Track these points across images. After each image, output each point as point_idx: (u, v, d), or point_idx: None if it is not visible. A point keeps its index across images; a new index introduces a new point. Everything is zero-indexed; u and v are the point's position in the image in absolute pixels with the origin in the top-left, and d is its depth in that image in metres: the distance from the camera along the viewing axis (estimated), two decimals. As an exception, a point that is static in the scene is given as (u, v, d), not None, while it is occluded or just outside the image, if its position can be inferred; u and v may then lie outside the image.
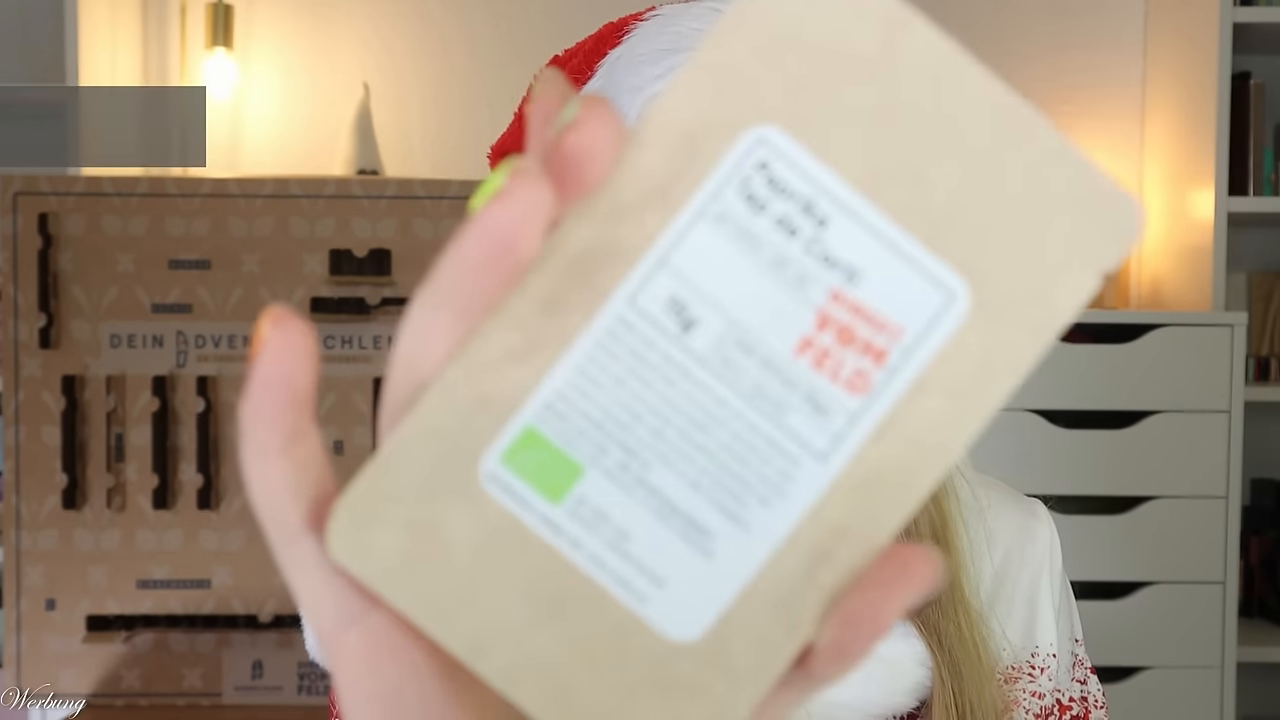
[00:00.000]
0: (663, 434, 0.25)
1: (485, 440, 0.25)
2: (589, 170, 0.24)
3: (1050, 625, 0.76)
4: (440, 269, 0.25)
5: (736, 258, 0.25)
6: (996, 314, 0.25)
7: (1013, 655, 0.74)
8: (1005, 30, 2.53)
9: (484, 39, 2.51)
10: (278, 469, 0.26)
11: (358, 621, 0.26)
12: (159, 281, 1.64)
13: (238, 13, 2.43)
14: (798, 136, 0.25)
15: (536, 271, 0.25)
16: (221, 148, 2.48)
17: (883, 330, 0.25)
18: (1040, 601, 0.76)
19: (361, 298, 1.64)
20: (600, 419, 0.25)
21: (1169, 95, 2.44)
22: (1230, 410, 2.12)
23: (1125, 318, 2.18)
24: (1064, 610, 0.78)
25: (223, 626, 1.64)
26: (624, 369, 0.25)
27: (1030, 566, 0.77)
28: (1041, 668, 0.76)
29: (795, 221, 0.25)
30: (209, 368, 1.65)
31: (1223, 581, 2.13)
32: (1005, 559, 0.76)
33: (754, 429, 0.26)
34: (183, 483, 1.64)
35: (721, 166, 0.25)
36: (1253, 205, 2.30)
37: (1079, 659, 0.78)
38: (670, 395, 0.25)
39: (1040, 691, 0.75)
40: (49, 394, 1.62)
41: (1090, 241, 0.25)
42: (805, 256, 0.25)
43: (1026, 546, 0.77)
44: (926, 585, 0.25)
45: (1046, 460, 2.13)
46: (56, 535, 1.63)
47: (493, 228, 0.24)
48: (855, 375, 0.26)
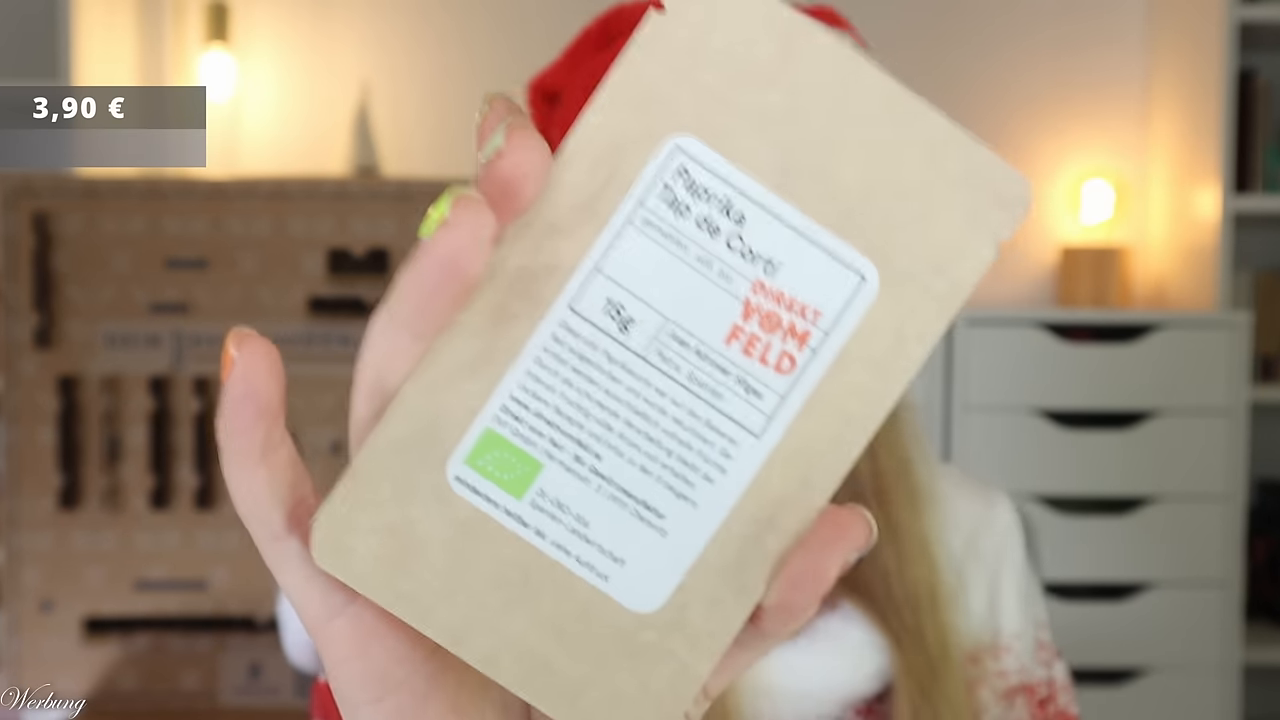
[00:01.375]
0: (611, 426, 0.28)
1: (450, 446, 0.28)
2: (522, 191, 0.27)
3: (1013, 609, 0.78)
4: (398, 292, 0.27)
5: (665, 259, 0.28)
6: (905, 290, 0.28)
7: (975, 638, 0.75)
8: (1009, 28, 2.52)
9: (482, 37, 2.50)
10: (257, 477, 0.28)
11: (342, 612, 0.29)
12: (156, 281, 1.63)
13: (235, 10, 2.42)
14: (711, 143, 0.28)
15: (483, 289, 0.28)
16: (219, 146, 2.47)
17: (803, 315, 0.28)
18: (1002, 586, 0.78)
19: (360, 297, 1.64)
20: (553, 417, 0.28)
21: (1173, 93, 2.43)
22: (1235, 410, 2.10)
23: (1129, 317, 2.17)
24: (1027, 595, 0.79)
25: (220, 628, 1.63)
26: (570, 370, 0.28)
27: (990, 552, 0.78)
28: (1006, 648, 0.77)
29: (716, 221, 0.28)
30: (206, 368, 1.64)
31: (1227, 583, 2.12)
32: (966, 545, 0.77)
33: (694, 414, 0.28)
34: (180, 483, 1.63)
35: (644, 176, 0.28)
36: (1258, 204, 2.29)
37: (1043, 643, 0.79)
38: (615, 390, 0.28)
39: (1004, 671, 0.76)
40: (45, 394, 1.62)
41: (985, 216, 0.28)
42: (728, 252, 0.28)
43: (986, 533, 0.78)
44: (861, 542, 0.28)
45: (1050, 461, 2.12)
46: (53, 536, 1.62)
47: (442, 253, 0.26)
48: (782, 357, 0.28)
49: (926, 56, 2.51)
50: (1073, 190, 2.50)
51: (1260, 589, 2.41)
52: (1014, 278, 2.53)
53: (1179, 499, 2.13)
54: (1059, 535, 2.11)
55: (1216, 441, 2.11)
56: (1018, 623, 0.77)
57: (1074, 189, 2.50)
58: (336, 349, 1.65)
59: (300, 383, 1.64)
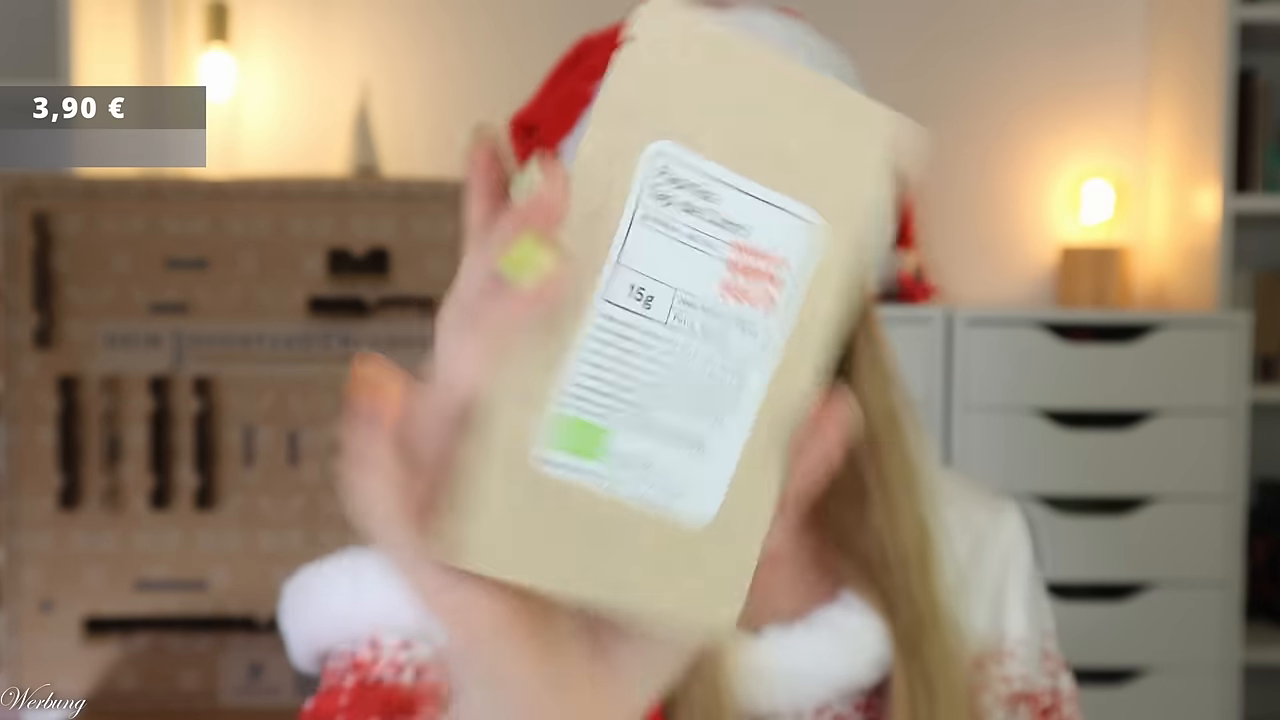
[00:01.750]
0: (655, 384, 0.36)
1: (535, 435, 0.35)
2: (559, 212, 0.35)
3: (1019, 616, 0.78)
4: (475, 310, 0.35)
5: (664, 242, 0.36)
6: (837, 226, 0.37)
7: (980, 643, 0.75)
8: (1009, 27, 2.52)
9: (482, 37, 2.50)
10: (377, 484, 0.35)
11: (455, 587, 0.36)
12: (156, 281, 1.63)
13: (236, 11, 2.42)
14: (682, 143, 0.36)
15: None
16: (219, 146, 2.47)
17: (774, 262, 0.37)
18: (1008, 593, 0.78)
19: (360, 297, 1.64)
20: (609, 390, 0.36)
21: (1173, 93, 2.43)
22: (1234, 410, 2.10)
23: (1129, 317, 2.17)
24: (1033, 604, 0.79)
25: (220, 628, 1.63)
26: (615, 349, 0.36)
27: (996, 559, 0.78)
28: (1010, 653, 0.77)
29: (695, 203, 0.36)
30: (206, 368, 1.64)
31: (1227, 583, 2.12)
32: (971, 551, 0.77)
33: (710, 359, 0.36)
34: (180, 483, 1.63)
35: (636, 180, 0.35)
36: (1258, 204, 2.29)
37: (1049, 653, 0.79)
38: (651, 354, 0.36)
39: (1008, 676, 0.76)
40: (45, 394, 1.62)
41: (881, 159, 0.37)
42: (709, 226, 0.36)
43: (992, 540, 0.78)
44: (846, 419, 0.38)
45: (1049, 461, 2.12)
46: (53, 536, 1.62)
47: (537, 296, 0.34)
48: (764, 298, 0.37)
49: (926, 57, 2.51)
50: (1073, 190, 2.51)
51: (1260, 589, 2.41)
52: (1014, 278, 2.54)
53: (1179, 499, 2.13)
54: (1059, 535, 2.11)
55: (1216, 441, 2.11)
56: (1023, 629, 0.77)
57: (1074, 189, 2.50)
58: (336, 349, 1.65)
59: (300, 383, 1.64)
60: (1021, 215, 2.53)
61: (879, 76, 2.92)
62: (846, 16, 2.47)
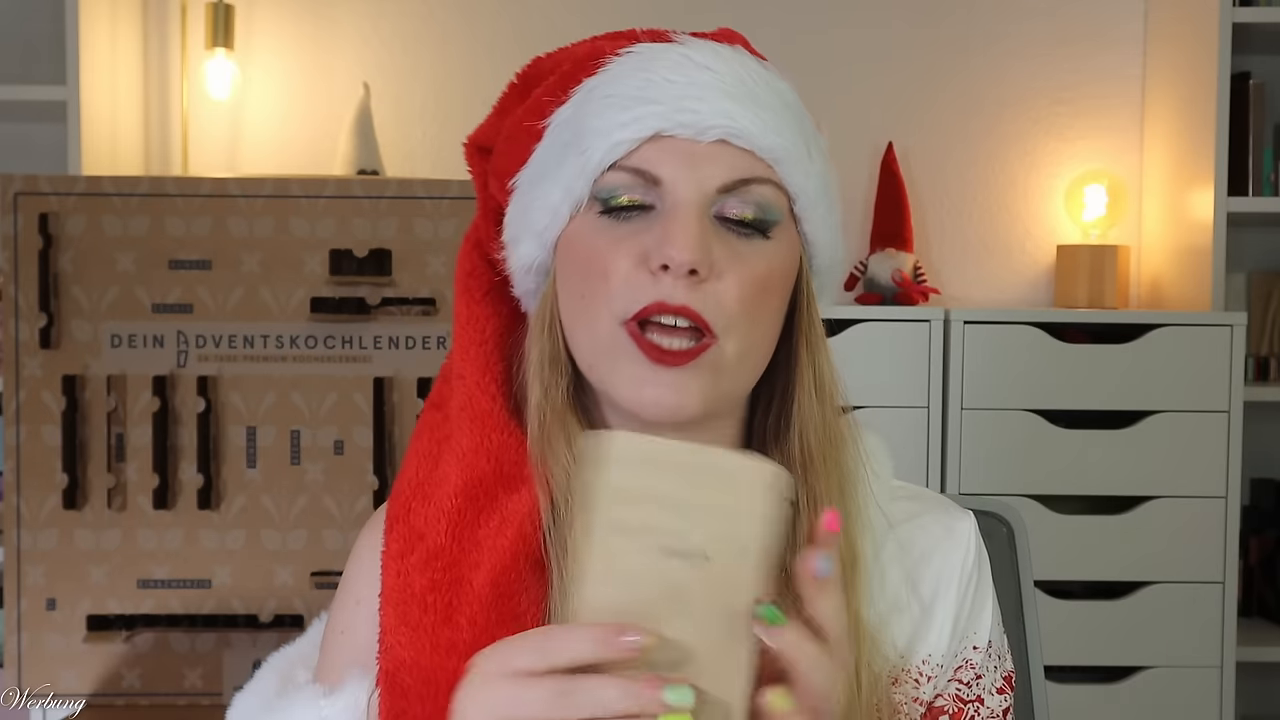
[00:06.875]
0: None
1: None
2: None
3: (982, 625, 0.79)
4: None
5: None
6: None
7: (900, 661, 0.76)
8: (1005, 28, 2.53)
9: (483, 38, 2.51)
10: None
11: None
12: (159, 281, 1.64)
13: (238, 13, 2.43)
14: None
15: None
16: (221, 148, 2.48)
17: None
18: (965, 603, 0.78)
19: (361, 298, 1.65)
20: None
21: (1169, 94, 2.44)
22: (1230, 410, 2.12)
23: (1125, 318, 2.18)
24: (991, 616, 0.80)
25: (223, 626, 1.64)
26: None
27: (953, 569, 0.78)
28: (929, 676, 0.77)
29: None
30: (209, 368, 1.65)
31: (1222, 581, 2.13)
32: (920, 561, 0.78)
33: None
34: (183, 483, 1.64)
35: None
36: (1252, 205, 2.30)
37: (969, 662, 0.78)
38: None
39: (921, 699, 0.77)
40: (49, 394, 1.63)
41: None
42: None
43: (948, 549, 0.79)
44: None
45: (1046, 460, 2.13)
46: (57, 535, 1.63)
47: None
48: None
49: (925, 57, 2.53)
50: (1069, 191, 2.52)
51: (1255, 587, 2.43)
52: (1011, 278, 2.55)
53: (1174, 498, 2.14)
54: (1055, 534, 2.12)
55: (1212, 441, 2.12)
56: (946, 647, 0.78)
57: (1071, 190, 2.52)
58: (337, 349, 1.66)
59: (301, 383, 1.65)
60: (1018, 216, 2.55)
61: (878, 77, 2.92)
62: (845, 17, 2.48)
